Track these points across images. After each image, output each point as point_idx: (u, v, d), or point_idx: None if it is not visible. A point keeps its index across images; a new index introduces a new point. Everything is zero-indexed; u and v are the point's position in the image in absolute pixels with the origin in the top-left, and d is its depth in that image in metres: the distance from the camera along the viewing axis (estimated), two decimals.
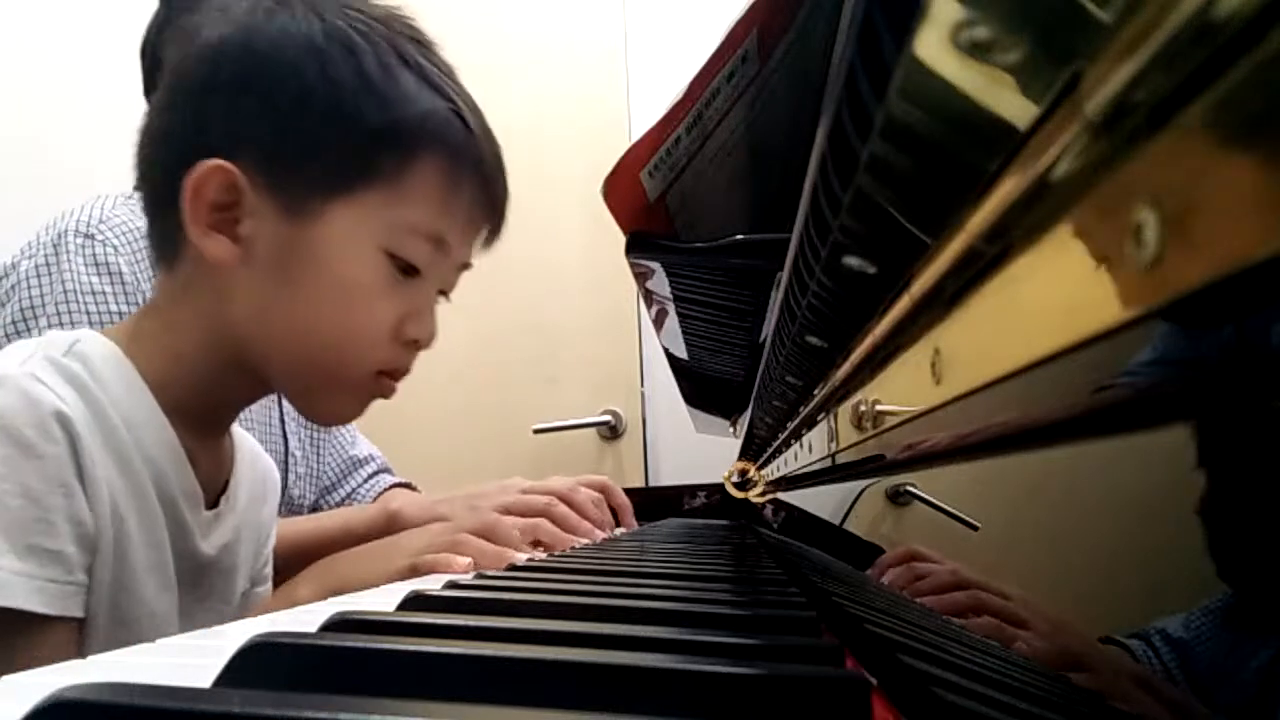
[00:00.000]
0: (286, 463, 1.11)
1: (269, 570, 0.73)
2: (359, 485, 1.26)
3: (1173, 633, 0.15)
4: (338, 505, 1.24)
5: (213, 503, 0.61)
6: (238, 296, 0.56)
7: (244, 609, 0.68)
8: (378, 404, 1.68)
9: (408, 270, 0.58)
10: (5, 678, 0.25)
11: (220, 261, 0.55)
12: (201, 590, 0.60)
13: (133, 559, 0.52)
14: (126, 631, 0.52)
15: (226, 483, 0.63)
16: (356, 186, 0.56)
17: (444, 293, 0.63)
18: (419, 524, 1.01)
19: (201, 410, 0.58)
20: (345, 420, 0.63)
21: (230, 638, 0.28)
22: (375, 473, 1.28)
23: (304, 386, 0.60)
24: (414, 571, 0.62)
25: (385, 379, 0.60)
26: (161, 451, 0.55)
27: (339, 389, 0.59)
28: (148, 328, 0.58)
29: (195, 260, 0.57)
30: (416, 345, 0.60)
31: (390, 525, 1.04)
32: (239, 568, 0.64)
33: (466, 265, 0.63)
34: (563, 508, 0.95)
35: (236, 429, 0.66)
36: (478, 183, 0.61)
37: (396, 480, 1.29)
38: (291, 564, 0.98)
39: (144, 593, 0.53)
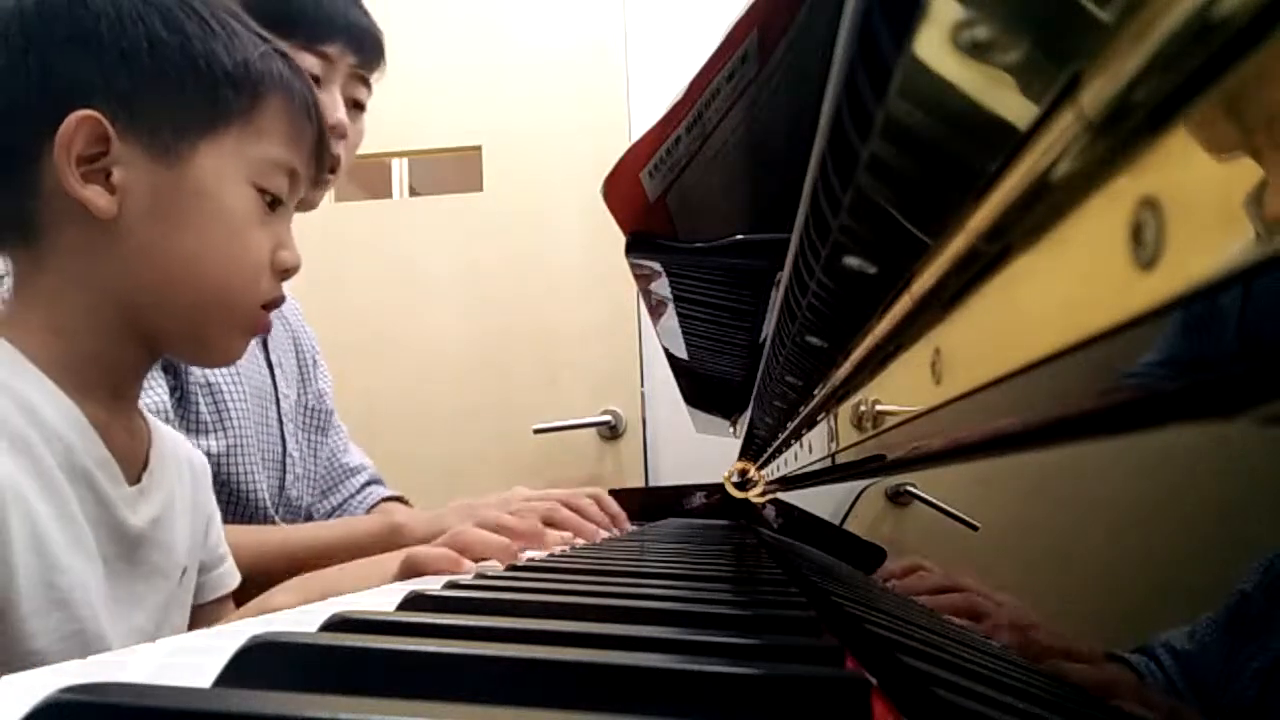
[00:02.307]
0: (284, 463, 1.10)
1: (224, 551, 0.74)
2: (351, 495, 1.25)
3: (1173, 632, 0.15)
4: (330, 511, 1.23)
5: (136, 478, 0.61)
6: (121, 246, 0.57)
7: (195, 593, 0.68)
8: (378, 405, 1.66)
9: (273, 203, 0.62)
10: (5, 678, 0.25)
11: (102, 211, 0.56)
12: (141, 566, 0.61)
13: (47, 536, 0.52)
14: (62, 608, 0.52)
15: (148, 459, 0.63)
16: (218, 127, 0.60)
17: None
18: (422, 538, 1.02)
19: (99, 381, 0.59)
20: (234, 359, 0.65)
21: (230, 638, 0.28)
22: (367, 483, 1.27)
23: (197, 329, 0.61)
24: (407, 568, 0.62)
25: (265, 312, 0.64)
26: (65, 425, 0.55)
27: (231, 326, 0.62)
28: (21, 310, 0.58)
29: (60, 224, 0.57)
30: (285, 275, 0.64)
31: (393, 538, 1.03)
32: (175, 543, 0.64)
33: (304, 201, 0.68)
34: (564, 511, 0.95)
35: (152, 416, 0.67)
36: (312, 121, 0.65)
37: (389, 494, 1.28)
38: (289, 571, 0.98)
39: (69, 565, 0.53)
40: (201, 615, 0.69)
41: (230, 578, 0.74)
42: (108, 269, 0.58)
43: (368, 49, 1.07)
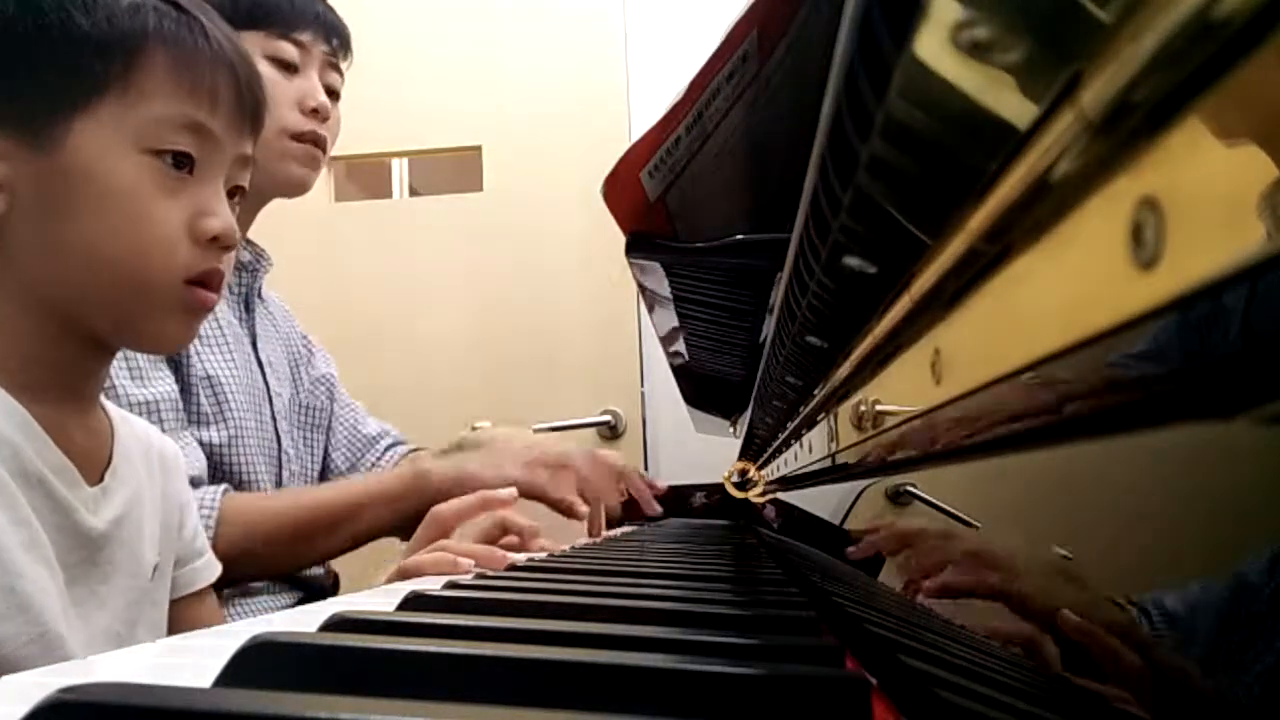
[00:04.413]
0: (280, 460, 1.11)
1: (201, 544, 0.73)
2: (377, 460, 1.26)
3: (1174, 632, 0.15)
4: None
5: (99, 477, 0.59)
6: (20, 244, 0.55)
7: (166, 587, 0.67)
8: (378, 405, 1.67)
9: (180, 163, 0.57)
10: (5, 678, 0.25)
11: None
12: (104, 567, 0.59)
13: (3, 543, 0.50)
14: (24, 613, 0.51)
15: (111, 456, 0.61)
16: (91, 100, 0.55)
17: (239, 190, 0.62)
18: (446, 483, 1.03)
19: (48, 382, 0.57)
20: (180, 343, 0.61)
21: (230, 638, 0.28)
22: (391, 445, 1.29)
23: (122, 316, 0.58)
24: (402, 577, 0.63)
25: (199, 289, 0.59)
26: (12, 430, 0.53)
27: (154, 307, 0.58)
28: None
29: None
30: (218, 244, 0.59)
31: (419, 483, 1.05)
32: (142, 541, 0.62)
33: (246, 158, 0.62)
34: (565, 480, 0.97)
35: (119, 410, 0.65)
36: (214, 63, 0.59)
37: (411, 446, 1.30)
38: (315, 528, 1.00)
39: (28, 571, 0.52)
40: (177, 610, 0.68)
41: (208, 571, 0.72)
42: (19, 270, 0.55)
43: (337, 39, 1.13)
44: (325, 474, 1.22)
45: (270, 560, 0.97)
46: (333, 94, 1.13)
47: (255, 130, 0.62)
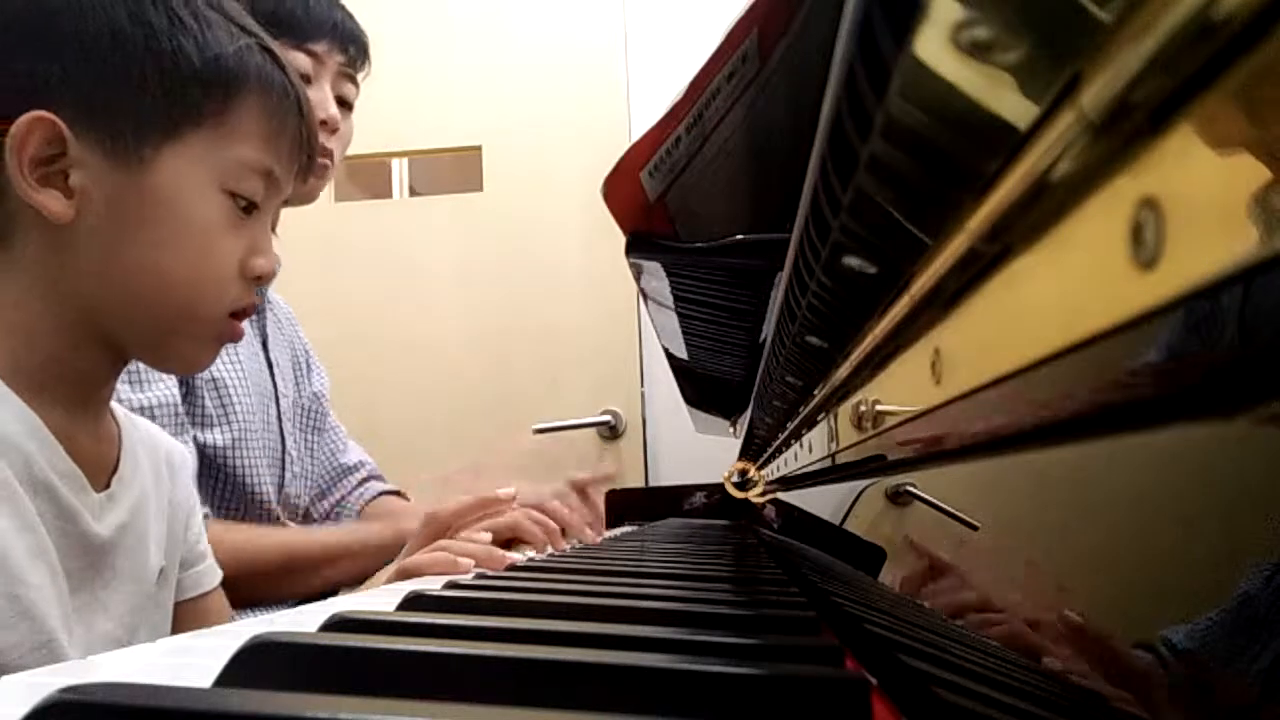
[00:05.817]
0: (283, 462, 1.11)
1: (204, 548, 0.73)
2: (349, 492, 1.25)
3: (1174, 632, 0.15)
4: (328, 511, 1.24)
5: (105, 483, 0.60)
6: (79, 252, 0.55)
7: (171, 591, 0.67)
8: (379, 405, 1.67)
9: (247, 208, 0.59)
10: (5, 678, 0.25)
11: (57, 216, 0.54)
12: (108, 573, 0.59)
13: (9, 549, 0.50)
14: (27, 619, 0.51)
15: (118, 462, 0.61)
16: (184, 129, 0.57)
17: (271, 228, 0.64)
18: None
19: (62, 388, 0.57)
20: (200, 367, 0.63)
21: (230, 638, 0.28)
22: (365, 479, 1.28)
23: (161, 338, 0.59)
24: (402, 576, 0.63)
25: (234, 320, 0.60)
26: (23, 436, 0.53)
27: (195, 333, 0.59)
28: None
29: (25, 227, 0.55)
30: (259, 281, 0.61)
31: (399, 540, 1.05)
32: (147, 546, 0.62)
33: (287, 200, 0.64)
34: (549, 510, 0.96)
35: (126, 413, 0.65)
36: (295, 116, 0.61)
37: (386, 488, 1.29)
38: (291, 570, 1.00)
39: (32, 579, 0.51)
40: (185, 613, 0.68)
41: (210, 576, 0.73)
42: (68, 275, 0.56)
43: (354, 49, 1.11)
44: None
45: (240, 592, 0.95)
46: (345, 104, 1.12)
47: (305, 177, 0.64)
